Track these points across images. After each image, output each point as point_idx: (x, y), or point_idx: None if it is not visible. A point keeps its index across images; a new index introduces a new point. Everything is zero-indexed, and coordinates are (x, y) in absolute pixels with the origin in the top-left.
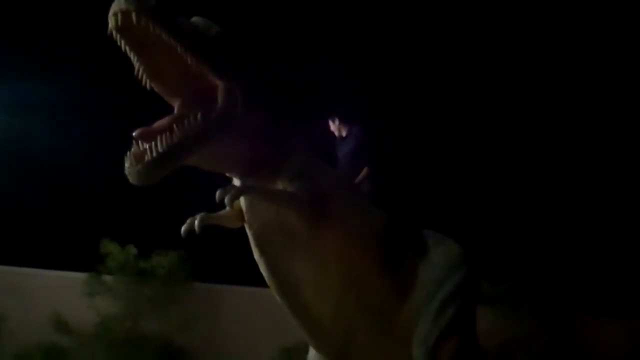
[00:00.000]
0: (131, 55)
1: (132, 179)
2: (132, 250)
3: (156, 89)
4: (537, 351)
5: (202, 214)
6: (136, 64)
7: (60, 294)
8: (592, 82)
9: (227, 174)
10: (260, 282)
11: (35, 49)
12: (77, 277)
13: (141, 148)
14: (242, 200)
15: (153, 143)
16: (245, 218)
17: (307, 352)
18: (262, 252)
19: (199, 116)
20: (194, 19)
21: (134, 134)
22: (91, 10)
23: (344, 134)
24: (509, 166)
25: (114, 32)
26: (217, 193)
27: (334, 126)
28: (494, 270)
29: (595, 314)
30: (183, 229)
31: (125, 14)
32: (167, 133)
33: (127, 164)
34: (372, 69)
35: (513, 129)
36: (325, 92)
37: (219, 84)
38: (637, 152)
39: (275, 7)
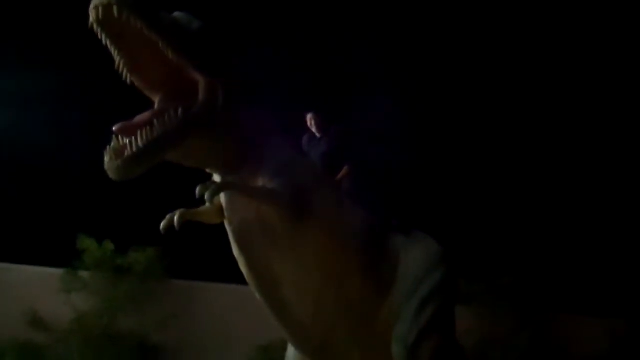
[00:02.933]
0: (112, 49)
1: (111, 174)
2: (109, 246)
3: (137, 83)
4: (515, 350)
5: (181, 209)
6: (117, 58)
7: (36, 289)
8: (575, 85)
9: (208, 170)
10: (239, 279)
11: (12, 40)
12: (53, 272)
13: (121, 143)
14: (222, 197)
15: (133, 138)
16: (225, 214)
17: (285, 350)
18: (242, 249)
19: (179, 111)
20: (176, 13)
21: (114, 128)
22: (72, 3)
23: (317, 134)
24: (489, 165)
25: (94, 25)
26: (197, 189)
27: (310, 122)
28: (472, 268)
29: (574, 313)
30: (162, 224)
31: (107, 7)
32: (148, 128)
33: (106, 159)
34: (356, 65)
35: (491, 127)
36: (308, 87)
37: (200, 79)
38: (618, 150)
39: (259, 1)
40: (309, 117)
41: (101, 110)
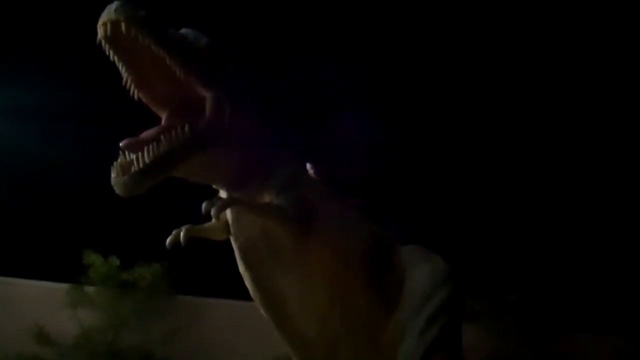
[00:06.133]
0: (119, 65)
1: (118, 189)
2: (115, 261)
3: (144, 99)
4: None
5: (187, 225)
6: (124, 74)
7: (42, 304)
8: (572, 95)
9: (214, 186)
10: (244, 295)
11: (21, 54)
12: (59, 287)
13: (128, 159)
14: (228, 213)
15: (140, 154)
16: (231, 231)
17: None
18: (248, 266)
19: (186, 127)
20: (184, 30)
21: (120, 144)
22: (80, 19)
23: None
24: (496, 183)
25: (102, 42)
26: (204, 205)
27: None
28: (479, 286)
29: (580, 331)
30: (168, 240)
31: (115, 23)
32: (155, 144)
33: (113, 175)
34: (363, 78)
35: (496, 144)
36: (316, 104)
37: (207, 95)
38: (621, 169)
39: (267, 18)
40: (308, 166)
41: (108, 126)
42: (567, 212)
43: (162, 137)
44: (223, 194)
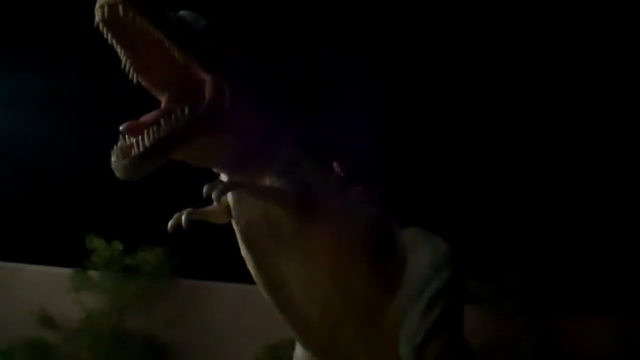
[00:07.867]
0: (118, 49)
1: (118, 173)
2: (118, 245)
3: (143, 83)
4: (522, 350)
5: (189, 209)
6: (123, 58)
7: (46, 289)
8: (576, 83)
9: (215, 170)
10: (247, 278)
11: (20, 41)
12: (63, 272)
13: (128, 142)
14: (229, 196)
15: (140, 137)
16: (233, 214)
17: (292, 349)
18: (250, 249)
19: (186, 110)
20: (182, 12)
21: (120, 127)
22: (77, 2)
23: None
24: (495, 165)
25: (100, 25)
26: (205, 188)
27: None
28: (480, 268)
29: (581, 313)
30: (170, 224)
31: (112, 6)
32: (155, 127)
33: (113, 158)
34: (364, 63)
35: (497, 127)
36: (317, 86)
37: (207, 78)
38: (624, 149)
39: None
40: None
41: (108, 110)
42: (566, 194)
43: (162, 120)
44: (224, 177)
